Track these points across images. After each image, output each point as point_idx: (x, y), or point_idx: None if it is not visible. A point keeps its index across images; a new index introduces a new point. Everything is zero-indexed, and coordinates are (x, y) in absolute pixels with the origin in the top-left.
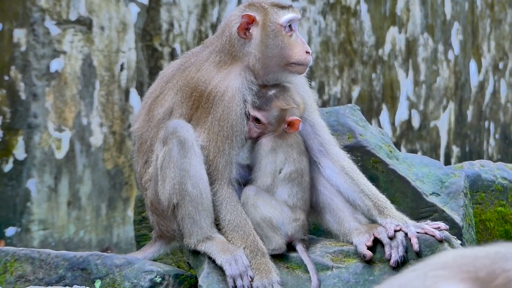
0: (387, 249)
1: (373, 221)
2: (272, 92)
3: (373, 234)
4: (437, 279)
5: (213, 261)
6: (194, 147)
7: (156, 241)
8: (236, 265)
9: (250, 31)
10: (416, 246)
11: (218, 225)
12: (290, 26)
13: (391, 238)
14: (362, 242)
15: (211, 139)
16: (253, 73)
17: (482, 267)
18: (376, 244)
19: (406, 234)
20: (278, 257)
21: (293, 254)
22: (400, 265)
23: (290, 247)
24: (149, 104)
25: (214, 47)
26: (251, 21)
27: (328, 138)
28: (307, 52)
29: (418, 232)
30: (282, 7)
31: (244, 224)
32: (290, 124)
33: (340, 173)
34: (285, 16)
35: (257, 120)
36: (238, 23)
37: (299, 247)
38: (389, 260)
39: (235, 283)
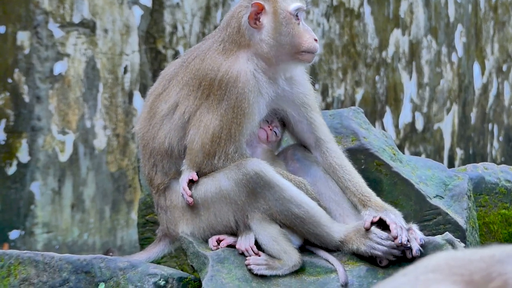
0: (400, 234)
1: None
2: None
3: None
4: (428, 282)
5: (217, 264)
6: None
7: (161, 240)
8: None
9: (261, 20)
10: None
11: None
12: (297, 15)
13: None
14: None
15: (223, 126)
16: (263, 61)
17: (477, 270)
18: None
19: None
20: None
21: None
22: (419, 256)
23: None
24: (150, 102)
25: (217, 37)
26: (260, 9)
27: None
28: (315, 40)
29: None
30: None
31: None
32: None
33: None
34: (293, 5)
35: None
36: (246, 13)
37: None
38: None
39: None
